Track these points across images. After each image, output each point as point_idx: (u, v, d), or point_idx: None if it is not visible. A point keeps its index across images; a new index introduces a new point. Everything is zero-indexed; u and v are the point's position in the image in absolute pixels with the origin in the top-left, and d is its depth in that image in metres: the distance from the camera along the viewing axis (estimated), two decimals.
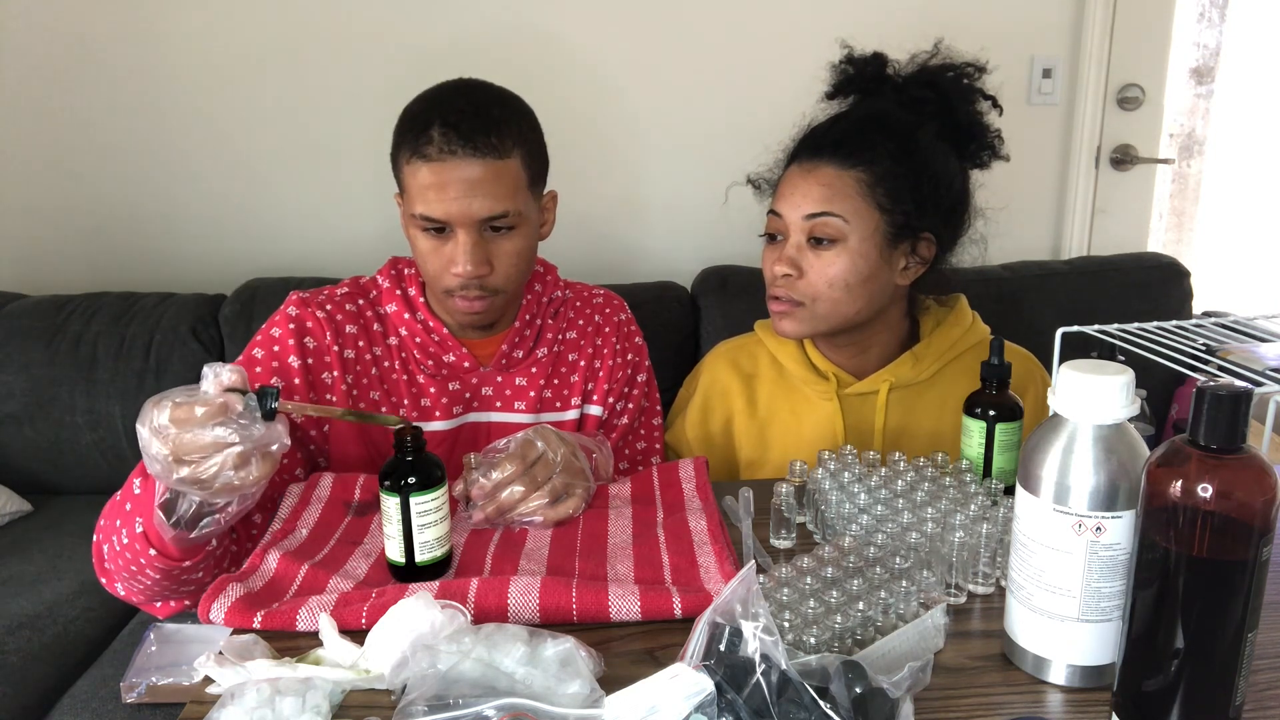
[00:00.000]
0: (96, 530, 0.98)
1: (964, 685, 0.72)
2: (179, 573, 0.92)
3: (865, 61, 1.21)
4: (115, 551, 0.94)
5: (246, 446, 0.78)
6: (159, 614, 1.02)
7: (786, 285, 1.16)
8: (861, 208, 1.13)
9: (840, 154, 1.14)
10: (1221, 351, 1.06)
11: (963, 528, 0.84)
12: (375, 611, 0.77)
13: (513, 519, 0.96)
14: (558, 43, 2.09)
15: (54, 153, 2.12)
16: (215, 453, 0.77)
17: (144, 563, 0.90)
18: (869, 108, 1.20)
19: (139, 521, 0.89)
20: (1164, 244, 2.50)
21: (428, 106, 1.07)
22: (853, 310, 1.16)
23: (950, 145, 1.18)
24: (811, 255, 1.15)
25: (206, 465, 0.77)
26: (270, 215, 2.16)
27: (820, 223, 1.13)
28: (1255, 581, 0.60)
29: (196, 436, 0.76)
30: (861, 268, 1.14)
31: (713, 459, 1.26)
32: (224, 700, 0.67)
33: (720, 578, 0.84)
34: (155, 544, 0.88)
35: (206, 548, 0.92)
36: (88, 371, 1.87)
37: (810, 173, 1.15)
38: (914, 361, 1.23)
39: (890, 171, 1.13)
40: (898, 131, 1.14)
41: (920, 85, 1.18)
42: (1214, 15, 2.40)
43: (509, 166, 1.06)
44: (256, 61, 2.07)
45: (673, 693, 0.60)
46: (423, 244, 1.09)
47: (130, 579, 0.94)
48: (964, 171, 1.21)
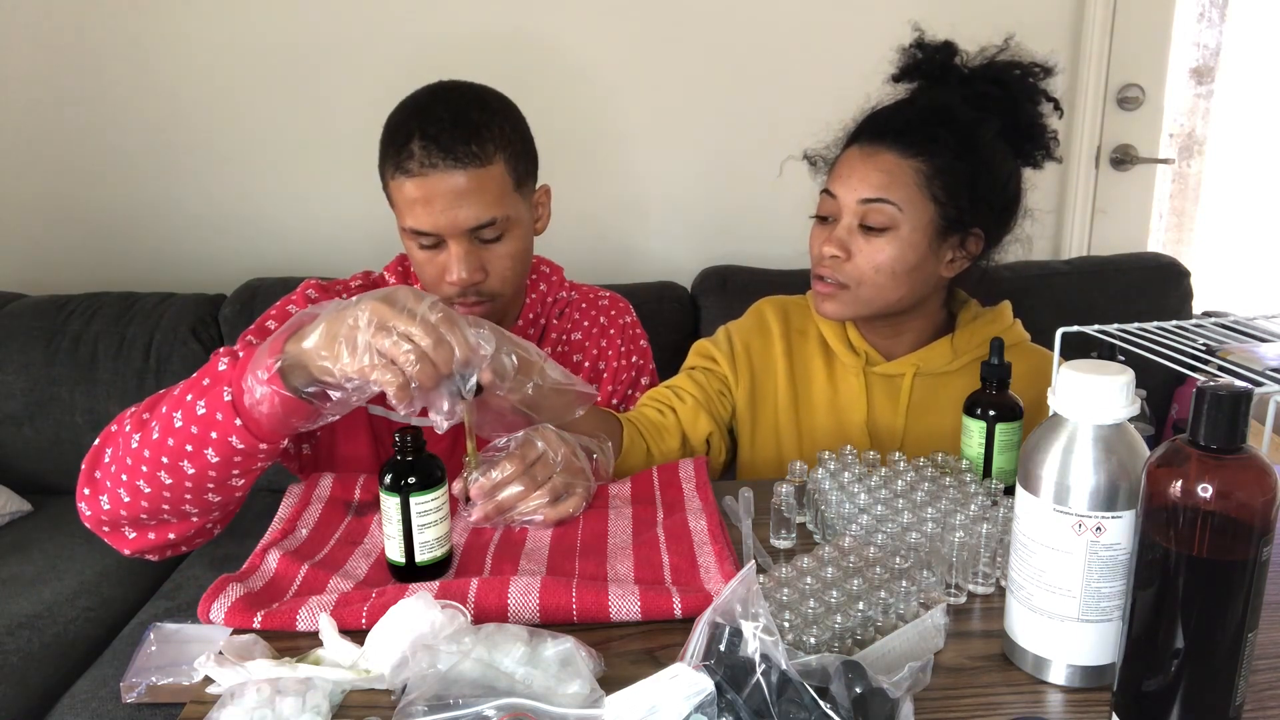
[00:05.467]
0: (102, 437, 0.96)
1: (964, 685, 0.72)
2: (240, 460, 0.89)
3: (935, 49, 1.20)
4: (152, 440, 0.89)
5: (440, 388, 0.82)
6: (128, 545, 0.98)
7: (833, 266, 1.16)
8: (917, 198, 1.13)
9: (902, 142, 1.13)
10: (1221, 351, 1.06)
11: (963, 528, 0.84)
12: (375, 611, 0.77)
13: (513, 518, 0.96)
14: (558, 43, 2.09)
15: (54, 153, 2.12)
16: (437, 368, 0.81)
17: (214, 437, 0.86)
18: (934, 98, 1.18)
19: (227, 390, 0.86)
20: (1164, 244, 2.49)
21: (407, 117, 1.06)
22: (895, 297, 1.17)
23: (1009, 144, 1.18)
24: (861, 239, 1.14)
25: (423, 368, 0.80)
26: (270, 215, 2.16)
27: (875, 208, 1.13)
28: (1255, 581, 0.60)
29: (455, 330, 0.82)
30: (910, 257, 1.14)
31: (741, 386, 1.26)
32: (224, 700, 0.67)
33: (720, 578, 0.84)
34: (243, 414, 0.85)
35: (281, 444, 0.90)
36: (88, 371, 1.87)
37: (870, 157, 1.14)
38: (944, 349, 1.23)
39: (950, 165, 1.13)
40: (961, 126, 1.14)
41: (988, 80, 1.17)
42: (1214, 15, 2.40)
43: (492, 173, 1.05)
44: (256, 62, 2.07)
45: (673, 693, 0.60)
46: (417, 255, 1.09)
47: (153, 473, 0.90)
48: (1018, 171, 1.20)
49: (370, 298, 0.81)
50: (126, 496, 0.93)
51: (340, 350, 0.80)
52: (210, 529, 1.02)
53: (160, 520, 0.96)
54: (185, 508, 0.94)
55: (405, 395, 0.80)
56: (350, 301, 0.82)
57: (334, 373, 0.81)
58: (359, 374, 0.80)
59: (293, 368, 0.83)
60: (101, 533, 0.98)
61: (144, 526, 0.97)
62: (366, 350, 0.80)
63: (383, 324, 0.80)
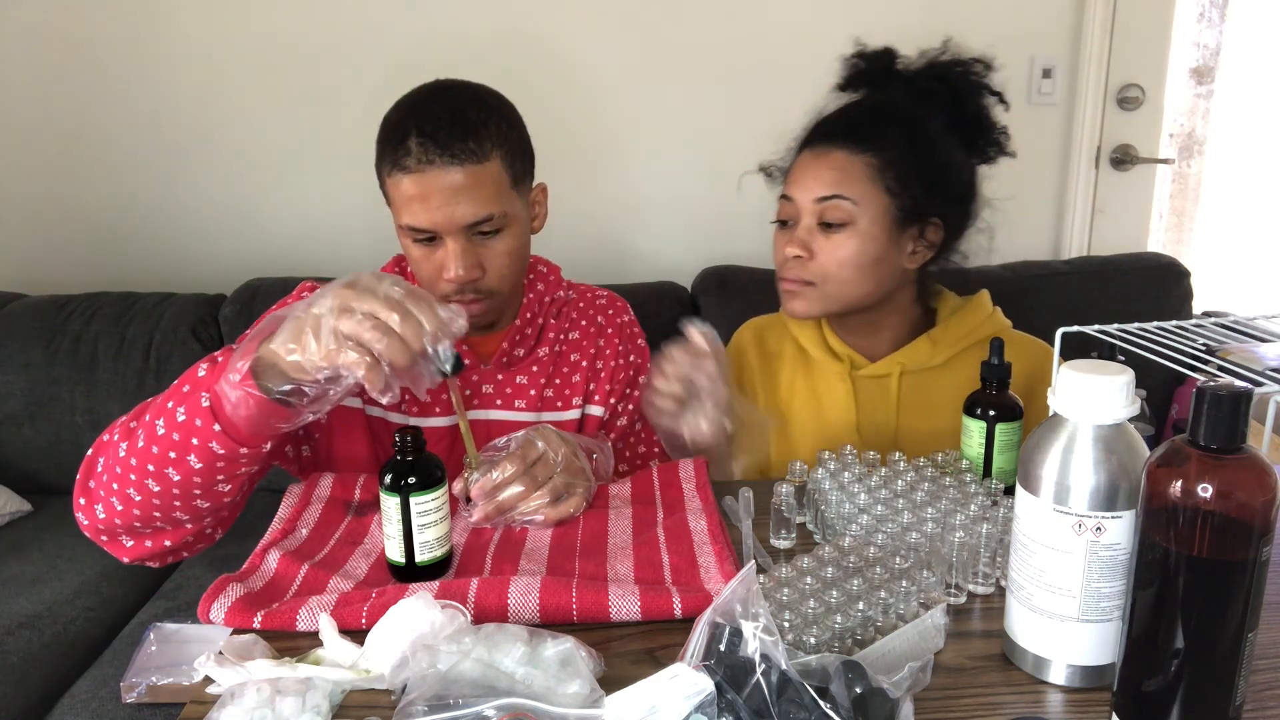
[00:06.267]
0: (95, 446, 0.95)
1: (964, 685, 0.72)
2: (223, 465, 0.88)
3: (875, 56, 1.23)
4: (138, 448, 0.89)
5: (415, 367, 0.80)
6: (127, 554, 0.98)
7: (798, 267, 1.19)
8: (871, 191, 1.15)
9: (851, 139, 1.16)
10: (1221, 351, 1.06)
11: (963, 528, 0.84)
12: (375, 611, 0.77)
13: (513, 518, 0.96)
14: (557, 43, 2.09)
15: (54, 153, 2.12)
16: (405, 343, 0.79)
17: (195, 443, 0.86)
18: (879, 97, 1.22)
19: (205, 396, 0.85)
20: (1164, 244, 2.50)
21: (404, 115, 1.06)
22: (862, 291, 1.19)
23: (957, 137, 1.20)
24: (822, 238, 1.17)
25: (390, 346, 0.78)
26: (270, 215, 2.16)
27: (831, 206, 1.15)
28: (1255, 581, 0.60)
29: (421, 304, 0.80)
30: (871, 250, 1.16)
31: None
32: (224, 700, 0.67)
33: (720, 578, 0.84)
34: (222, 419, 0.85)
35: (263, 447, 0.89)
36: (88, 371, 1.87)
37: (821, 157, 1.17)
38: (929, 345, 1.24)
39: (900, 157, 1.15)
40: (907, 120, 1.17)
41: (929, 79, 1.20)
42: (1214, 15, 2.40)
43: (489, 170, 1.05)
44: (256, 62, 2.07)
45: (673, 693, 0.60)
46: (414, 253, 1.09)
47: (141, 481, 0.89)
48: (970, 164, 1.23)
49: (332, 285, 0.81)
50: (119, 505, 0.92)
51: (307, 341, 0.79)
52: (210, 534, 1.02)
53: (155, 528, 0.95)
54: (176, 514, 0.93)
55: (377, 376, 0.79)
56: (315, 294, 0.82)
57: (304, 366, 0.80)
58: (327, 360, 0.79)
59: (265, 368, 0.82)
60: (100, 542, 0.97)
61: (139, 535, 0.96)
62: (332, 335, 0.79)
63: (344, 306, 0.79)
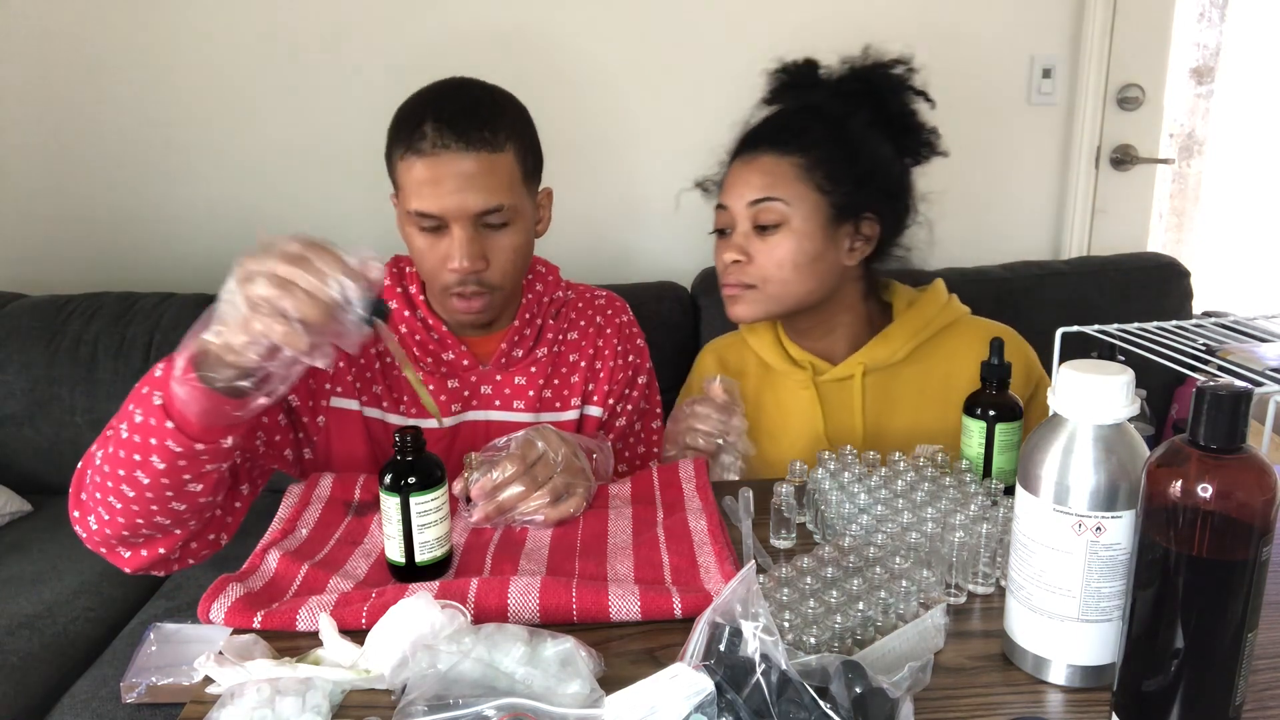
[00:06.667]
0: (83, 459, 0.95)
1: (964, 685, 0.72)
2: (185, 464, 0.86)
3: (798, 67, 1.27)
4: (109, 455, 0.88)
5: (334, 321, 0.77)
6: (128, 564, 0.97)
7: (737, 271, 1.21)
8: (802, 191, 1.18)
9: (779, 143, 1.19)
10: (1221, 351, 1.06)
11: (963, 528, 0.84)
12: (375, 611, 0.77)
13: (513, 518, 0.96)
14: (557, 43, 2.09)
15: (54, 153, 2.12)
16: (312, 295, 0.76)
17: (154, 444, 0.84)
18: (802, 101, 1.25)
19: (158, 395, 0.84)
20: (1164, 244, 2.50)
21: (421, 103, 1.07)
22: (804, 290, 1.20)
23: (884, 135, 1.22)
24: (758, 241, 1.20)
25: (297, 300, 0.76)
26: (271, 215, 2.16)
27: (763, 208, 1.18)
28: (1255, 581, 0.60)
29: (322, 253, 0.77)
30: (807, 248, 1.18)
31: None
32: (224, 700, 0.67)
33: (720, 578, 0.84)
34: (175, 417, 0.83)
35: (222, 441, 0.87)
36: (88, 371, 1.87)
37: (750, 163, 1.21)
38: (886, 341, 1.25)
39: (827, 155, 1.18)
40: (831, 119, 1.20)
41: (851, 81, 1.23)
42: (1214, 15, 2.41)
43: (503, 160, 1.06)
44: (256, 62, 2.07)
45: (673, 693, 0.60)
46: (419, 241, 1.09)
47: (117, 488, 0.88)
48: (902, 161, 1.24)
49: (239, 256, 0.79)
50: (106, 515, 0.92)
51: (226, 319, 0.78)
52: (213, 539, 1.01)
53: (143, 536, 0.94)
54: (157, 519, 0.92)
55: (296, 337, 0.76)
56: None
57: (233, 346, 0.79)
58: (246, 333, 0.77)
59: (204, 358, 0.81)
60: (101, 553, 0.97)
61: (132, 544, 0.95)
62: (245, 304, 0.77)
63: (246, 274, 0.77)
